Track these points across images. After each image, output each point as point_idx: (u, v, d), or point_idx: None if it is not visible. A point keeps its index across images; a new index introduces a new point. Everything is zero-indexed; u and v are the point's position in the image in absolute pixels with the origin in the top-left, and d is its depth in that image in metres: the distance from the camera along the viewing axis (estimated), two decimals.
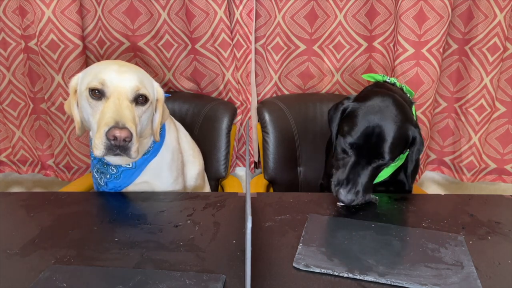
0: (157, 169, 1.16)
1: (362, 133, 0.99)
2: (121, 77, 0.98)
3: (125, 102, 0.96)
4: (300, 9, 1.62)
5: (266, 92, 1.75)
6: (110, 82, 0.97)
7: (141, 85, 1.00)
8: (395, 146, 0.99)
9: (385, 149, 0.98)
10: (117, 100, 0.95)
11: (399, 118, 0.99)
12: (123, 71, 1.00)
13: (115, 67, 1.00)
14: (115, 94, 0.96)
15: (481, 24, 1.57)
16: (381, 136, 0.98)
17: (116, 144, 0.92)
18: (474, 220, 0.99)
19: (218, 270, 0.78)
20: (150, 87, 1.05)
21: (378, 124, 0.98)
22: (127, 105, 0.96)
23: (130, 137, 0.92)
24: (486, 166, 1.77)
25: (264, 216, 0.99)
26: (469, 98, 1.67)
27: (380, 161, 1.00)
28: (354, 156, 1.01)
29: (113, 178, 1.13)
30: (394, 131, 0.98)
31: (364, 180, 1.00)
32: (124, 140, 0.91)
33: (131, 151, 0.94)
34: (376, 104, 1.01)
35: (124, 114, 0.94)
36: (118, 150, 0.93)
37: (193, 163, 1.35)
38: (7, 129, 1.80)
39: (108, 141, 0.91)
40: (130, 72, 1.00)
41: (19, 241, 0.88)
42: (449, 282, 0.75)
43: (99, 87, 0.97)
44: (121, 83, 0.97)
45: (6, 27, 1.64)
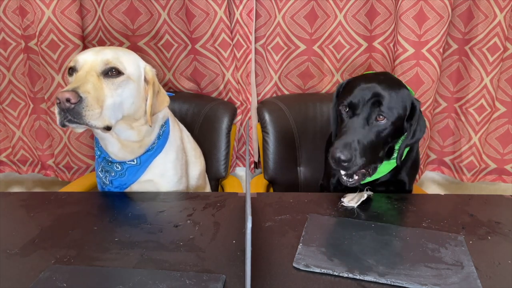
0: (162, 168, 1.17)
1: (357, 92, 0.98)
2: (95, 54, 1.00)
3: (91, 73, 0.97)
4: (300, 9, 1.62)
5: (266, 92, 1.75)
6: (82, 59, 1.00)
7: (113, 59, 1.00)
8: (393, 104, 0.97)
9: (383, 102, 0.96)
10: (84, 73, 0.96)
11: (395, 83, 1.01)
12: (102, 50, 1.02)
13: (97, 48, 1.03)
14: (84, 67, 0.98)
15: (481, 24, 1.57)
16: (378, 93, 0.97)
17: (62, 107, 0.90)
18: (474, 220, 0.99)
19: (218, 270, 0.78)
20: (132, 64, 1.04)
21: (373, 85, 0.98)
22: (91, 76, 0.96)
23: (74, 99, 0.89)
24: (486, 166, 1.77)
25: (264, 216, 0.99)
26: (469, 98, 1.67)
27: (379, 119, 0.97)
28: (351, 116, 0.99)
29: (118, 176, 1.13)
30: (390, 90, 0.98)
31: (361, 137, 0.96)
32: (67, 101, 0.89)
33: (85, 116, 0.91)
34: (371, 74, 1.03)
35: (82, 82, 0.93)
36: (68, 115, 0.91)
37: (195, 163, 1.36)
38: (7, 129, 1.80)
39: (57, 105, 0.91)
40: (107, 49, 1.02)
41: (19, 241, 0.88)
42: (449, 282, 0.75)
43: (73, 65, 1.00)
44: (90, 58, 0.99)
45: (6, 27, 1.64)
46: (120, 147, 1.10)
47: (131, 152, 1.11)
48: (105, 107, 0.95)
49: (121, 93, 1.00)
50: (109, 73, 0.99)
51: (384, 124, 0.98)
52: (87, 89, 0.92)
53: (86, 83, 0.93)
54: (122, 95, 1.00)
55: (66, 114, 0.90)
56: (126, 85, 1.01)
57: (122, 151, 1.11)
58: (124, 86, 1.01)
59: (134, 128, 1.07)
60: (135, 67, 1.05)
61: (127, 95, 1.01)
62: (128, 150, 1.11)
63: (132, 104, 1.03)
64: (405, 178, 1.18)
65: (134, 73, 1.04)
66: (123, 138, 1.08)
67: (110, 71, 0.99)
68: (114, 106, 0.98)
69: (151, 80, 1.08)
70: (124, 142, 1.09)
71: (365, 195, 1.05)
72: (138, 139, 1.10)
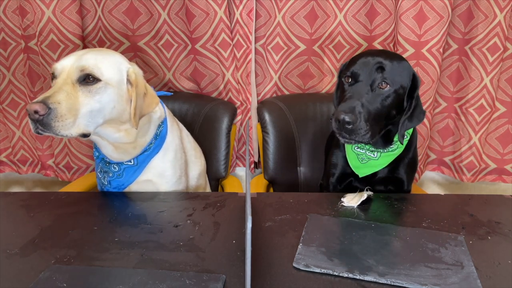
0: (160, 167, 1.17)
1: (360, 61, 1.00)
2: (75, 59, 0.99)
3: (67, 81, 0.96)
4: (300, 9, 1.62)
5: (266, 92, 1.75)
6: (61, 66, 0.99)
7: (89, 65, 0.98)
8: (396, 72, 0.98)
9: (386, 69, 0.97)
10: (61, 80, 0.96)
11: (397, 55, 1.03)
12: (83, 54, 1.01)
13: (80, 52, 1.02)
14: (62, 75, 0.98)
15: (481, 24, 1.57)
16: (380, 61, 0.99)
17: (31, 118, 0.91)
18: (474, 220, 0.99)
19: (218, 270, 0.78)
20: (112, 69, 1.01)
21: (375, 56, 1.00)
22: (66, 84, 0.95)
23: (42, 111, 0.89)
24: (486, 166, 1.77)
25: (264, 216, 0.99)
26: (469, 98, 1.67)
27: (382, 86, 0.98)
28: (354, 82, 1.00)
29: (116, 176, 1.13)
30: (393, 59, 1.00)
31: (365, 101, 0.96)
32: (35, 113, 0.89)
33: (54, 127, 0.91)
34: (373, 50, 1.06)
35: (54, 92, 0.93)
36: (38, 125, 0.91)
37: (195, 163, 1.36)
38: (7, 129, 1.80)
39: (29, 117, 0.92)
40: (88, 53, 1.01)
41: (19, 241, 0.88)
42: (449, 282, 0.75)
43: (52, 72, 1.00)
44: (69, 64, 0.98)
45: (6, 27, 1.64)
46: (113, 149, 1.10)
47: (125, 153, 1.11)
48: (80, 115, 0.94)
49: (99, 99, 0.98)
50: (85, 80, 0.97)
51: (387, 91, 0.98)
52: (58, 99, 0.92)
53: (58, 93, 0.93)
54: (101, 101, 0.99)
55: (36, 125, 0.92)
56: (104, 91, 0.99)
57: (116, 153, 1.11)
58: (102, 93, 0.99)
59: (121, 131, 1.06)
60: (115, 71, 1.02)
61: (106, 101, 0.99)
62: (121, 151, 1.10)
63: (114, 109, 1.01)
64: (403, 176, 1.18)
65: (113, 77, 1.01)
66: (112, 141, 1.07)
67: (87, 78, 0.97)
68: (92, 113, 0.97)
69: (134, 82, 1.04)
70: (116, 144, 1.09)
71: (365, 195, 1.05)
72: (129, 140, 1.08)
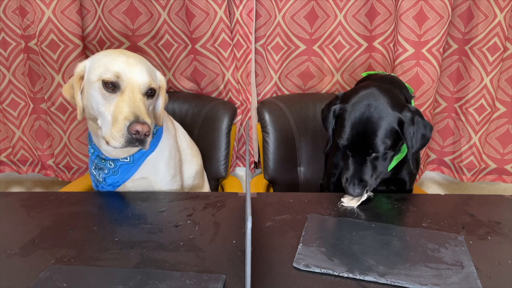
0: (154, 165, 1.17)
1: (350, 134, 1.03)
2: (132, 70, 1.02)
3: (139, 95, 1.01)
4: (300, 9, 1.62)
5: (266, 92, 1.75)
6: (125, 75, 1.00)
7: (151, 79, 1.05)
8: (385, 136, 1.01)
9: (376, 141, 1.01)
10: (132, 94, 1.00)
11: (383, 108, 1.01)
12: (132, 63, 1.03)
13: (123, 58, 1.03)
14: (129, 87, 1.00)
15: (481, 24, 1.57)
16: (368, 132, 1.01)
17: (137, 137, 0.96)
18: (474, 220, 0.99)
19: (218, 270, 0.78)
20: (155, 77, 1.10)
21: (363, 122, 1.01)
22: (140, 99, 1.01)
23: (149, 131, 0.97)
24: (486, 166, 1.77)
25: (264, 216, 0.99)
26: (469, 98, 1.67)
27: (375, 154, 1.03)
28: (350, 155, 1.06)
29: (111, 173, 1.14)
30: (380, 123, 1.00)
31: (366, 172, 1.04)
32: (145, 134, 0.97)
33: (146, 143, 1.00)
34: (359, 101, 1.03)
35: (140, 108, 0.99)
36: (137, 143, 0.98)
37: (191, 162, 1.35)
38: (7, 129, 1.80)
39: (129, 135, 0.96)
40: (139, 65, 1.04)
41: (19, 241, 0.88)
42: (449, 282, 0.75)
43: (114, 80, 0.99)
44: (134, 76, 1.01)
45: (6, 27, 1.64)
46: None
47: (125, 150, 1.12)
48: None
49: (151, 109, 1.07)
50: (147, 93, 1.04)
51: (381, 153, 1.03)
52: (147, 117, 0.99)
53: (143, 111, 0.99)
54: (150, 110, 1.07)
55: (134, 142, 0.97)
56: (156, 100, 1.09)
57: (115, 150, 1.11)
58: (154, 101, 1.08)
59: None
60: (156, 80, 1.10)
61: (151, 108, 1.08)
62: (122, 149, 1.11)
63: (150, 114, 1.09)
64: (405, 177, 1.18)
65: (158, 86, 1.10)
66: None
67: (149, 91, 1.04)
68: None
69: (163, 87, 1.14)
70: None
71: (365, 196, 1.05)
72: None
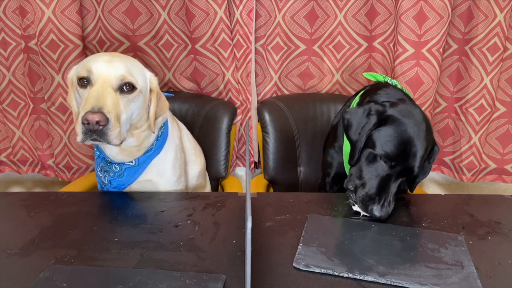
0: (160, 167, 1.17)
1: (398, 148, 0.97)
2: (108, 66, 0.99)
3: (108, 89, 0.97)
4: (300, 9, 1.62)
5: (266, 92, 1.75)
6: (96, 70, 0.98)
7: (127, 73, 1.00)
8: (423, 161, 1.00)
9: (416, 164, 0.99)
10: (100, 88, 0.96)
11: (428, 134, 1.01)
12: (112, 60, 1.01)
13: (106, 58, 1.01)
14: (99, 81, 0.97)
15: (481, 24, 1.57)
16: (414, 153, 0.98)
17: (90, 128, 0.92)
18: (474, 220, 0.99)
19: (218, 270, 0.78)
20: (141, 76, 1.05)
21: (413, 141, 0.98)
22: (109, 92, 0.96)
23: (103, 121, 0.91)
24: (486, 166, 1.77)
25: (264, 216, 0.99)
26: (469, 98, 1.67)
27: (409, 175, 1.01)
28: (387, 171, 0.99)
29: (117, 176, 1.14)
30: (424, 148, 0.99)
31: (393, 192, 1.00)
32: (97, 123, 0.91)
33: (109, 136, 0.94)
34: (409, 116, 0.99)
35: (104, 100, 0.94)
36: (94, 135, 0.93)
37: (195, 162, 1.36)
38: (7, 129, 1.80)
39: (83, 125, 0.92)
40: (118, 61, 1.01)
41: (19, 241, 0.88)
42: (449, 282, 0.75)
43: (86, 75, 0.98)
44: (106, 71, 0.98)
45: (6, 27, 1.64)
46: (119, 151, 1.10)
47: (129, 155, 1.12)
48: (122, 124, 0.97)
49: (132, 107, 1.02)
50: (123, 88, 0.99)
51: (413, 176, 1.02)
52: (110, 109, 0.94)
53: (107, 102, 0.94)
54: (133, 109, 1.02)
55: (91, 134, 0.92)
56: (137, 100, 1.03)
57: (120, 154, 1.11)
58: (135, 101, 1.02)
59: (134, 135, 1.08)
60: (143, 79, 1.06)
61: (135, 108, 1.03)
62: (126, 153, 1.11)
63: (138, 115, 1.05)
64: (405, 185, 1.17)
65: (143, 85, 1.05)
66: (123, 145, 1.08)
67: (125, 86, 0.99)
68: (127, 120, 1.00)
69: (155, 89, 1.09)
70: (123, 147, 1.09)
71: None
72: (137, 144, 1.10)
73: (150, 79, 1.09)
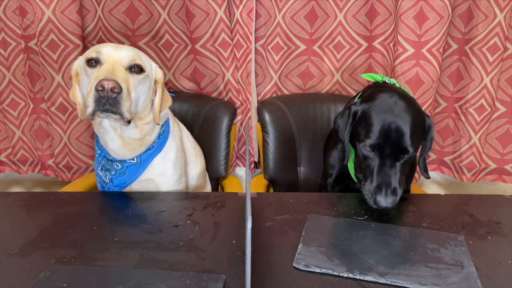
0: (161, 166, 1.17)
1: (380, 132, 0.98)
2: (117, 49, 1.02)
3: (119, 67, 0.98)
4: (300, 9, 1.62)
5: (266, 92, 1.75)
6: (106, 51, 1.00)
7: (136, 56, 1.03)
8: (415, 137, 0.99)
9: (407, 142, 0.97)
10: (111, 66, 0.98)
11: (412, 109, 1.00)
12: (120, 46, 1.04)
13: (114, 44, 1.05)
14: (109, 60, 0.99)
15: (481, 24, 1.57)
16: (400, 131, 0.97)
17: (104, 95, 0.91)
18: (474, 220, 0.99)
19: (218, 270, 0.78)
20: (148, 64, 1.08)
21: (393, 120, 0.98)
22: (120, 69, 0.98)
23: (118, 88, 0.92)
24: (486, 166, 1.77)
25: (264, 216, 0.99)
26: (469, 98, 1.67)
27: (405, 156, 0.99)
28: (378, 158, 0.99)
29: (118, 175, 1.14)
30: (411, 123, 0.98)
31: (396, 178, 0.98)
32: (112, 90, 0.91)
33: (122, 106, 0.94)
34: (386, 101, 1.01)
35: (115, 73, 0.96)
36: (107, 104, 0.92)
37: (195, 163, 1.36)
38: (7, 129, 1.80)
39: (96, 92, 0.92)
40: (126, 47, 1.05)
41: (19, 241, 0.88)
42: (449, 282, 0.75)
43: (95, 56, 1.00)
44: (116, 53, 1.01)
45: (6, 27, 1.64)
46: (121, 144, 1.10)
47: (131, 150, 1.12)
48: (132, 100, 0.99)
49: (140, 90, 1.03)
50: (132, 69, 1.01)
51: (410, 155, 1.00)
52: (122, 80, 0.95)
53: (118, 75, 0.95)
54: (140, 92, 1.03)
55: (105, 103, 0.92)
56: (144, 83, 1.04)
57: (122, 149, 1.11)
58: (143, 83, 1.04)
59: (138, 127, 1.09)
60: (150, 66, 1.09)
61: (142, 92, 1.04)
62: (128, 148, 1.11)
63: (144, 102, 1.06)
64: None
65: (150, 72, 1.08)
66: (126, 135, 1.09)
67: (134, 68, 1.01)
68: (135, 101, 1.02)
69: (160, 80, 1.12)
70: (126, 140, 1.09)
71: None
72: (140, 137, 1.11)
73: (155, 69, 1.12)
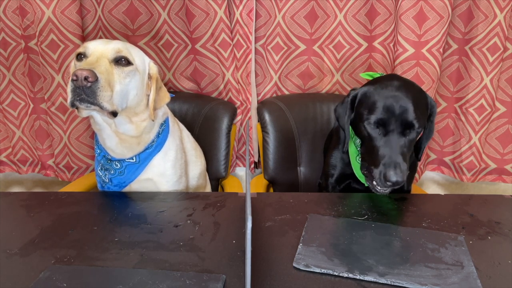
0: (161, 166, 1.17)
1: (384, 107, 0.97)
2: (106, 43, 1.03)
3: (103, 59, 0.99)
4: (300, 9, 1.62)
5: (266, 92, 1.75)
6: (93, 46, 1.02)
7: (123, 48, 1.03)
8: (419, 112, 0.99)
9: (412, 115, 0.97)
10: (95, 58, 0.99)
11: (413, 87, 1.01)
12: (110, 41, 1.05)
13: (104, 39, 1.06)
14: (95, 53, 1.00)
15: (481, 24, 1.57)
16: (404, 105, 0.97)
17: (79, 85, 0.91)
18: (474, 220, 0.99)
19: (218, 270, 0.78)
20: (139, 58, 1.08)
21: (396, 95, 0.98)
22: (103, 61, 0.98)
23: (92, 77, 0.90)
24: (486, 166, 1.77)
25: (264, 216, 0.99)
26: (469, 98, 1.67)
27: (411, 131, 0.98)
28: (383, 135, 0.99)
29: (117, 174, 1.14)
30: (414, 98, 0.98)
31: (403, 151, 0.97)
32: (85, 79, 0.90)
33: (98, 96, 0.92)
34: (386, 83, 1.02)
35: (95, 64, 0.95)
36: (83, 94, 0.91)
37: (195, 163, 1.36)
38: (7, 129, 1.80)
39: (72, 82, 0.92)
40: (116, 41, 1.06)
41: (19, 241, 0.88)
42: (449, 282, 0.75)
43: (83, 50, 1.02)
44: (103, 46, 1.02)
45: (6, 27, 1.64)
46: (118, 142, 1.10)
47: (129, 148, 1.11)
48: (114, 92, 0.98)
49: (128, 83, 1.02)
50: (119, 61, 1.01)
51: (416, 131, 1.00)
52: (101, 70, 0.95)
53: (99, 66, 0.96)
54: (129, 85, 1.03)
55: (80, 92, 0.92)
56: (133, 76, 1.04)
57: (120, 147, 1.11)
58: (131, 76, 1.03)
59: (133, 123, 1.08)
60: (141, 60, 1.08)
61: (132, 86, 1.04)
62: (126, 146, 1.11)
63: (136, 96, 1.05)
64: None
65: (140, 66, 1.07)
66: (122, 131, 1.08)
67: (120, 60, 1.01)
68: (122, 93, 1.01)
69: (154, 75, 1.11)
70: (122, 136, 1.09)
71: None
72: (136, 134, 1.10)
73: (149, 64, 1.11)
